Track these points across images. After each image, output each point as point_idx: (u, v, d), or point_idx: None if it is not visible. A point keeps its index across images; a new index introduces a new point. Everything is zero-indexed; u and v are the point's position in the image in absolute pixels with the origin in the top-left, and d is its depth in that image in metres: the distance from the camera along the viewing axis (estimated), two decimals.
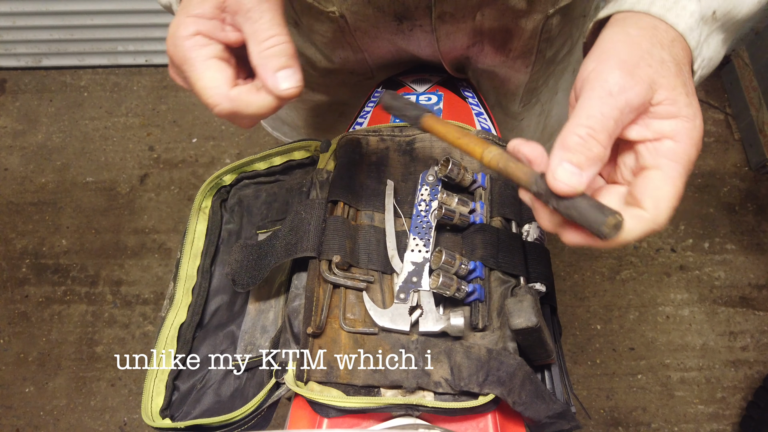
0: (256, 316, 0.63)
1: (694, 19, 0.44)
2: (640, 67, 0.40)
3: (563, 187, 0.37)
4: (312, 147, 0.69)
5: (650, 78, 0.40)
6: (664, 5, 0.44)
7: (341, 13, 0.67)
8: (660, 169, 0.39)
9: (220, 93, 0.44)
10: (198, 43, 0.45)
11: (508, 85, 0.85)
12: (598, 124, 0.38)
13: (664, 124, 0.40)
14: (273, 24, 0.44)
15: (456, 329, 0.51)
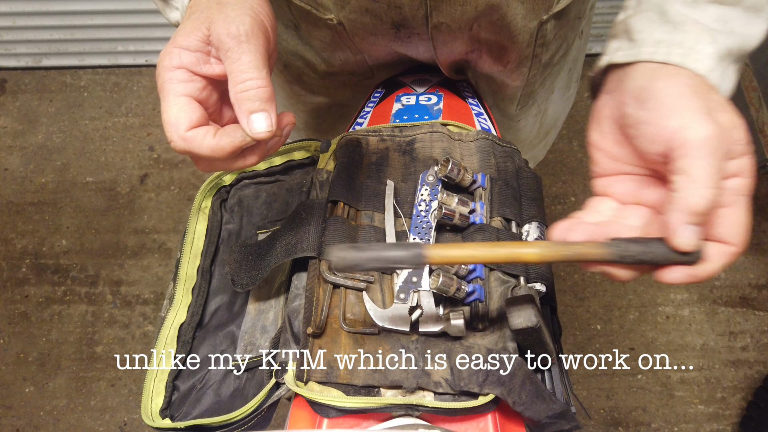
0: (256, 316, 0.63)
1: (713, 60, 0.45)
2: (717, 115, 0.41)
3: (688, 247, 0.41)
4: (312, 147, 0.69)
5: (731, 121, 0.42)
6: (681, 53, 0.45)
7: (339, 20, 0.68)
8: (733, 206, 0.42)
9: (177, 132, 0.45)
10: (177, 77, 0.46)
11: (506, 90, 0.85)
12: (717, 184, 0.40)
13: (735, 162, 0.42)
14: (251, 66, 0.45)
15: (456, 329, 0.51)
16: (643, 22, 0.49)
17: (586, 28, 0.89)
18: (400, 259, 0.42)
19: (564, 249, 0.42)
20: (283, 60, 0.85)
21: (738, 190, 0.42)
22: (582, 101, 2.06)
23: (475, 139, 0.65)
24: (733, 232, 0.42)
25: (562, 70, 0.90)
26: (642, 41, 0.48)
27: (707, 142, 0.40)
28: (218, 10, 0.46)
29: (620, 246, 0.42)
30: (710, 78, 0.45)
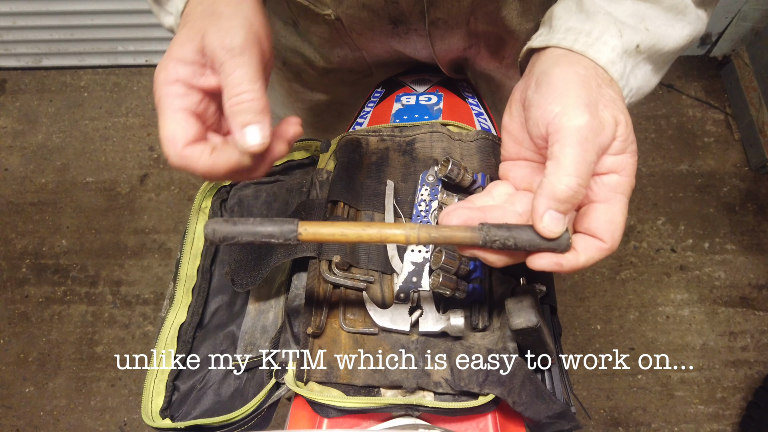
0: (256, 316, 0.63)
1: (616, 53, 0.46)
2: (599, 108, 0.42)
3: (550, 233, 0.41)
4: (312, 147, 0.69)
5: (614, 117, 0.43)
6: (586, 42, 0.46)
7: (337, 15, 0.68)
8: (609, 203, 0.43)
9: (174, 148, 0.44)
10: (174, 92, 0.45)
11: (504, 91, 0.85)
12: (583, 173, 0.41)
13: (612, 159, 0.43)
14: (244, 80, 0.45)
15: (456, 329, 0.51)
16: (562, 10, 0.50)
17: None
18: (272, 234, 0.43)
19: (433, 232, 0.43)
20: (281, 57, 0.85)
21: (614, 187, 0.43)
22: None
23: (475, 139, 0.65)
24: (604, 228, 0.42)
25: None
26: (557, 28, 0.49)
27: (578, 131, 0.41)
28: (212, 21, 0.46)
29: (487, 231, 0.42)
30: (610, 70, 0.46)
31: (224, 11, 0.47)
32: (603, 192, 0.43)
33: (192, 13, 0.48)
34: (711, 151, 1.98)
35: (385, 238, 0.43)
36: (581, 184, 0.40)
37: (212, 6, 0.47)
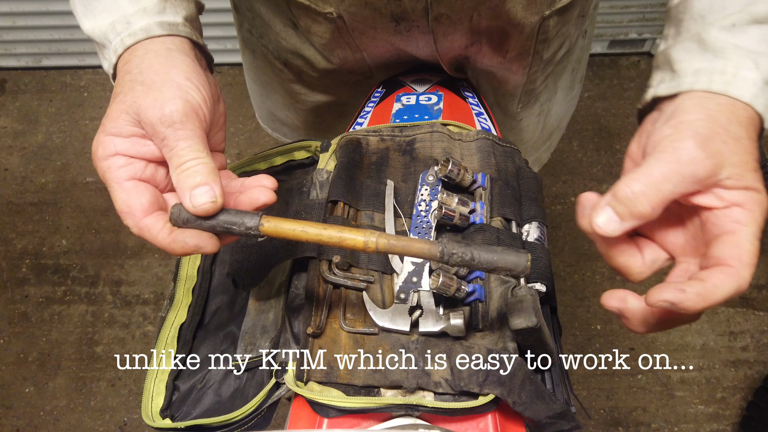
0: (257, 317, 0.63)
1: (757, 86, 0.44)
2: (714, 142, 0.41)
3: (596, 226, 0.42)
4: (312, 147, 0.69)
5: (721, 153, 0.41)
6: (723, 80, 0.45)
7: (338, 13, 0.68)
8: (735, 233, 0.41)
9: (132, 218, 0.44)
10: (115, 164, 0.45)
11: (506, 86, 0.85)
12: (654, 185, 0.40)
13: (733, 193, 0.41)
14: (190, 152, 0.44)
15: (456, 329, 0.51)
16: (682, 52, 0.48)
17: (590, 27, 0.89)
18: (233, 223, 0.44)
19: (392, 240, 0.43)
20: (282, 58, 0.85)
21: (738, 219, 0.41)
22: (581, 101, 2.06)
23: (476, 138, 0.65)
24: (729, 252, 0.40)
25: (565, 70, 0.90)
26: (683, 72, 0.47)
27: (675, 152, 0.41)
28: (143, 93, 0.45)
29: (445, 252, 0.42)
30: (755, 105, 0.44)
31: (154, 81, 0.46)
32: (726, 225, 0.41)
33: (121, 82, 0.47)
34: None
35: (342, 241, 0.43)
36: (644, 193, 0.40)
37: (140, 75, 0.46)
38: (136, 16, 0.49)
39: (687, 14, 0.50)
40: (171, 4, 0.51)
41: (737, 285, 0.39)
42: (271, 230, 0.44)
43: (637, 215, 0.41)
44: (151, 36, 0.49)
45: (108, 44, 0.50)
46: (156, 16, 0.49)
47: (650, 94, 0.50)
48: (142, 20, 0.49)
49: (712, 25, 0.47)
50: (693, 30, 0.49)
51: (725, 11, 0.47)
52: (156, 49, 0.48)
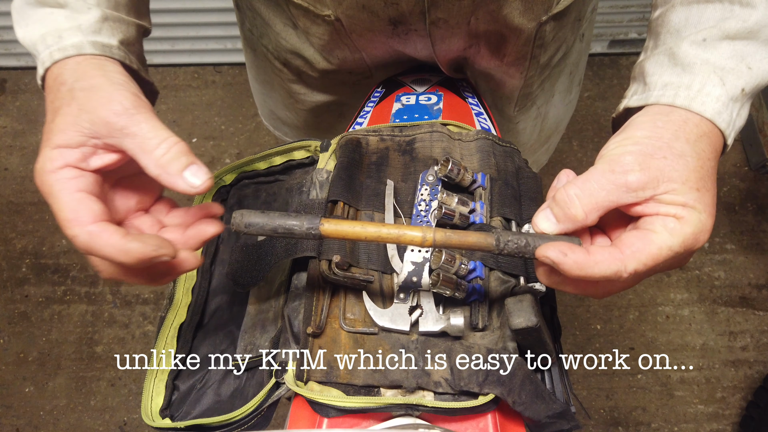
0: (256, 316, 0.63)
1: (721, 102, 0.45)
2: (654, 158, 0.42)
3: (535, 226, 0.45)
4: (312, 147, 0.69)
5: (660, 170, 0.42)
6: (687, 95, 0.45)
7: (336, 16, 0.68)
8: (654, 233, 0.42)
9: (79, 226, 0.41)
10: (65, 176, 0.42)
11: (504, 89, 0.85)
12: (588, 191, 0.42)
13: (671, 207, 0.42)
14: (155, 129, 0.43)
15: (456, 329, 0.51)
16: (654, 65, 0.49)
17: (588, 31, 0.89)
18: (293, 227, 0.44)
19: (451, 236, 0.44)
20: (282, 58, 0.85)
21: (665, 226, 0.42)
22: (581, 101, 2.06)
23: (475, 138, 0.65)
24: (630, 242, 0.41)
25: (563, 73, 0.90)
26: (652, 85, 0.48)
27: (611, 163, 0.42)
28: (88, 97, 0.44)
29: (501, 240, 0.44)
30: (717, 122, 0.45)
31: (94, 84, 0.45)
32: (654, 225, 0.42)
33: (57, 95, 0.46)
34: None
35: (400, 237, 0.44)
36: (578, 196, 0.42)
37: (78, 83, 0.45)
38: (70, 32, 0.48)
39: (664, 28, 0.51)
40: (108, 25, 0.50)
41: (615, 270, 0.40)
42: (332, 231, 0.44)
43: (571, 218, 0.43)
44: (83, 54, 0.47)
45: (37, 54, 0.48)
46: (90, 35, 0.48)
47: (623, 104, 0.51)
48: (75, 37, 0.48)
49: (684, 40, 0.48)
50: (668, 43, 0.49)
51: (699, 26, 0.48)
52: (88, 62, 0.47)
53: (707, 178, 0.44)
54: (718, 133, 0.46)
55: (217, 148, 2.01)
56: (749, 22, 0.46)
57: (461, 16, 0.67)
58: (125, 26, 0.52)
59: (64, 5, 0.49)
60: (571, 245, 0.42)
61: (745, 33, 0.46)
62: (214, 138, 2.02)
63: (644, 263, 0.41)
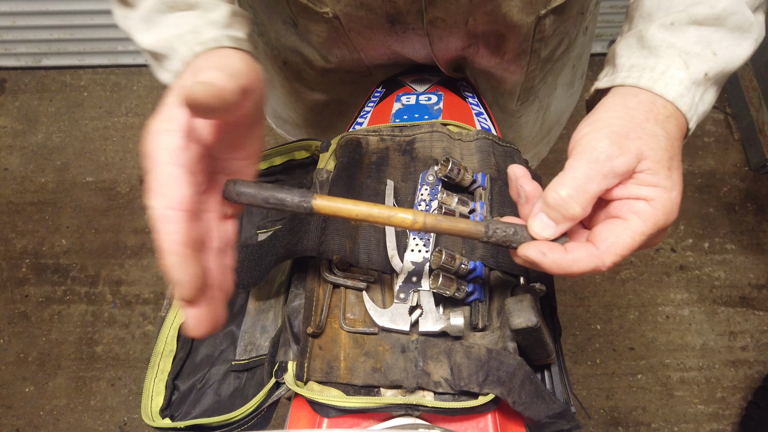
0: (256, 316, 0.63)
1: (683, 85, 0.46)
2: (629, 138, 0.43)
3: (533, 233, 0.44)
4: (312, 147, 0.69)
5: (638, 149, 0.43)
6: (651, 77, 0.46)
7: (335, 13, 0.68)
8: (626, 221, 0.42)
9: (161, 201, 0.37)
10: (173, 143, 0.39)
11: (505, 85, 0.85)
12: (580, 187, 0.42)
13: (642, 189, 0.43)
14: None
15: (456, 329, 0.51)
16: (623, 48, 0.50)
17: (591, 24, 0.89)
18: (284, 199, 0.43)
19: (441, 221, 0.44)
20: (282, 56, 0.85)
21: (637, 212, 0.42)
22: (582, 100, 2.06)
23: (475, 138, 0.65)
24: (604, 236, 0.42)
25: (565, 66, 0.90)
26: (620, 66, 0.49)
27: (591, 151, 0.42)
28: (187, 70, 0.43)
29: (489, 228, 0.44)
30: (679, 104, 0.46)
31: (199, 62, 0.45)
32: (624, 212, 0.43)
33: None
34: (711, 151, 1.98)
35: (390, 218, 0.44)
36: (572, 196, 0.42)
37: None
38: (206, 27, 0.49)
39: (638, 12, 0.52)
40: (236, 20, 0.51)
41: (594, 266, 0.42)
42: (323, 206, 0.44)
43: (570, 218, 0.42)
44: (221, 46, 0.48)
45: (173, 53, 0.49)
46: (225, 30, 0.50)
47: (594, 86, 0.52)
48: (212, 32, 0.49)
49: (653, 23, 0.49)
50: (639, 26, 0.50)
51: (669, 10, 0.49)
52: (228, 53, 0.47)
53: (675, 157, 0.45)
54: (682, 116, 0.46)
55: None
56: (716, 9, 0.47)
57: (459, 15, 0.67)
58: (246, 20, 0.54)
59: (195, 6, 0.50)
60: (549, 244, 0.42)
61: (713, 19, 0.47)
62: None
63: (620, 254, 0.42)
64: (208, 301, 0.39)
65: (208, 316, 0.39)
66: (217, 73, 0.39)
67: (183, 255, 0.36)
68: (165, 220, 0.37)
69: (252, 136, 0.47)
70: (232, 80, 0.39)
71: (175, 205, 0.37)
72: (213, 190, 0.45)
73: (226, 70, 0.40)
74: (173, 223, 0.37)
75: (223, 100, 0.37)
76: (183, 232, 0.37)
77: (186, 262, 0.37)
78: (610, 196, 0.44)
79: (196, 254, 0.37)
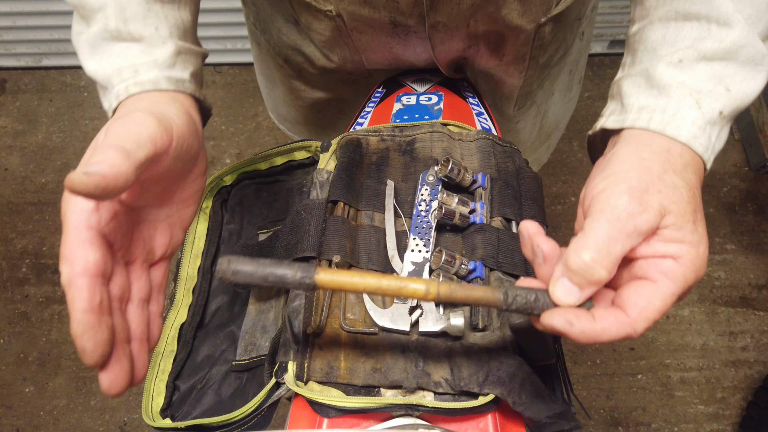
0: (257, 317, 0.63)
1: (697, 126, 0.44)
2: (650, 193, 0.40)
3: (556, 299, 0.40)
4: (312, 147, 0.70)
5: (660, 204, 0.40)
6: (662, 119, 0.44)
7: (338, 12, 0.68)
8: (655, 283, 0.40)
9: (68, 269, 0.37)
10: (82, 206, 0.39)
11: (503, 88, 0.85)
12: (603, 250, 0.39)
13: (668, 246, 0.40)
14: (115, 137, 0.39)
15: (456, 329, 0.51)
16: (631, 86, 0.48)
17: (588, 29, 0.89)
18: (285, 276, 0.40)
19: (456, 290, 0.41)
20: (283, 54, 0.85)
21: (666, 271, 0.40)
22: (581, 101, 2.06)
23: (476, 138, 0.65)
24: (633, 301, 0.39)
25: (562, 71, 0.90)
26: (629, 107, 0.47)
27: (612, 210, 0.39)
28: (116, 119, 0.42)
29: (509, 295, 0.41)
30: (694, 146, 0.44)
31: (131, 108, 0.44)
32: (652, 272, 0.40)
33: None
34: None
35: (401, 290, 0.41)
36: (596, 260, 0.39)
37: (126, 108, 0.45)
38: (146, 66, 0.48)
39: (641, 45, 0.50)
40: (181, 59, 0.51)
41: (626, 334, 0.39)
42: (327, 281, 0.41)
43: (596, 282, 0.39)
44: (158, 89, 0.48)
45: (111, 88, 0.49)
46: (165, 70, 0.49)
47: (599, 124, 0.50)
48: (151, 72, 0.48)
49: (660, 60, 0.47)
50: (645, 62, 0.48)
51: (675, 45, 0.47)
52: (161, 97, 0.47)
53: (699, 209, 0.43)
54: (699, 159, 0.45)
55: (217, 148, 2.01)
56: (725, 43, 0.45)
57: (461, 19, 0.67)
58: (194, 57, 0.53)
59: (140, 39, 0.49)
60: (576, 312, 0.39)
61: (722, 54, 0.45)
62: (214, 138, 2.02)
63: (653, 320, 0.39)
64: (119, 360, 0.38)
65: (120, 376, 0.38)
66: (111, 154, 0.37)
67: (86, 323, 0.36)
68: (71, 287, 0.37)
69: (184, 183, 0.46)
70: (127, 162, 0.37)
71: (81, 271, 0.37)
72: (137, 241, 0.44)
73: (130, 143, 0.39)
74: (78, 290, 0.37)
75: (104, 189, 0.36)
76: (87, 299, 0.37)
77: (90, 330, 0.36)
78: (634, 255, 0.41)
79: (101, 319, 0.37)
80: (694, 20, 0.46)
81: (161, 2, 0.51)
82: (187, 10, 0.54)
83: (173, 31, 0.51)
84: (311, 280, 0.40)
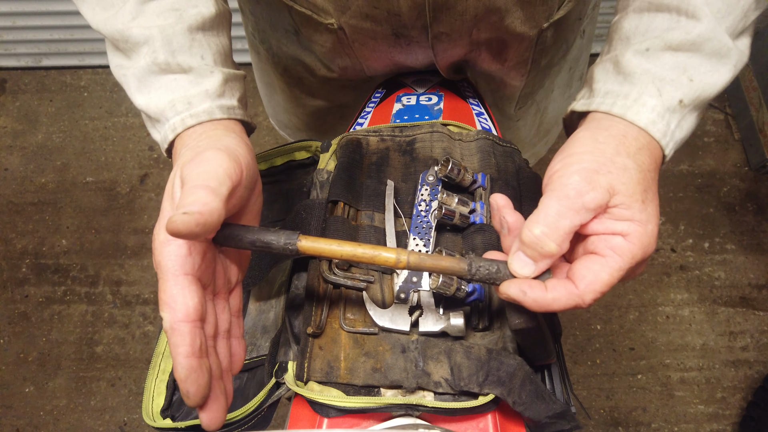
0: (257, 316, 0.63)
1: (656, 113, 0.46)
2: (600, 173, 0.43)
3: (513, 271, 0.43)
4: (312, 147, 0.69)
5: (609, 183, 0.43)
6: (624, 104, 0.47)
7: (339, 25, 0.68)
8: (604, 257, 0.43)
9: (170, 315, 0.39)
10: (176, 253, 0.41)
11: (504, 90, 0.85)
12: (553, 225, 0.42)
13: (617, 224, 0.43)
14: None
15: (456, 329, 0.51)
16: (600, 72, 0.50)
17: (589, 27, 0.89)
18: (272, 240, 0.43)
19: (425, 259, 0.44)
20: (282, 64, 0.85)
21: (614, 247, 0.42)
22: None
23: (476, 139, 0.65)
24: (582, 274, 0.42)
25: (562, 69, 0.90)
26: (596, 91, 0.49)
27: (562, 188, 0.42)
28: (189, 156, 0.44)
29: (473, 266, 0.44)
30: (651, 131, 0.46)
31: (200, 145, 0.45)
32: (602, 248, 0.43)
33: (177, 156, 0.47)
34: (711, 151, 1.98)
35: (374, 258, 0.44)
36: (546, 234, 0.41)
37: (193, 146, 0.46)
38: (198, 98, 0.49)
39: (616, 34, 0.52)
40: (229, 86, 0.52)
41: (575, 304, 0.42)
42: (308, 247, 0.44)
43: (547, 255, 0.42)
44: (213, 119, 0.49)
45: (165, 121, 0.50)
46: (217, 100, 0.50)
47: (570, 106, 0.52)
48: (204, 103, 0.49)
49: (629, 48, 0.48)
50: (617, 50, 0.50)
51: (646, 35, 0.49)
52: (213, 130, 0.49)
53: (650, 189, 0.45)
54: (656, 144, 0.46)
55: None
56: (692, 35, 0.46)
57: (464, 29, 0.67)
58: (239, 82, 0.54)
59: (188, 70, 0.50)
60: (530, 282, 0.42)
61: (688, 45, 0.47)
62: None
63: (600, 291, 0.42)
64: (217, 398, 0.40)
65: (218, 413, 0.40)
66: (201, 193, 0.39)
67: (189, 367, 0.38)
68: (173, 332, 0.39)
69: (248, 205, 0.48)
70: (216, 198, 0.40)
71: (182, 317, 0.39)
72: (219, 273, 0.45)
73: (212, 181, 0.41)
74: (180, 336, 0.39)
75: (204, 226, 0.38)
76: (189, 344, 0.38)
77: (192, 374, 0.38)
78: (586, 231, 0.44)
79: (201, 363, 0.39)
80: (665, 12, 0.48)
81: (203, 31, 0.52)
82: (225, 35, 0.56)
83: (217, 58, 0.53)
84: (294, 246, 0.43)
